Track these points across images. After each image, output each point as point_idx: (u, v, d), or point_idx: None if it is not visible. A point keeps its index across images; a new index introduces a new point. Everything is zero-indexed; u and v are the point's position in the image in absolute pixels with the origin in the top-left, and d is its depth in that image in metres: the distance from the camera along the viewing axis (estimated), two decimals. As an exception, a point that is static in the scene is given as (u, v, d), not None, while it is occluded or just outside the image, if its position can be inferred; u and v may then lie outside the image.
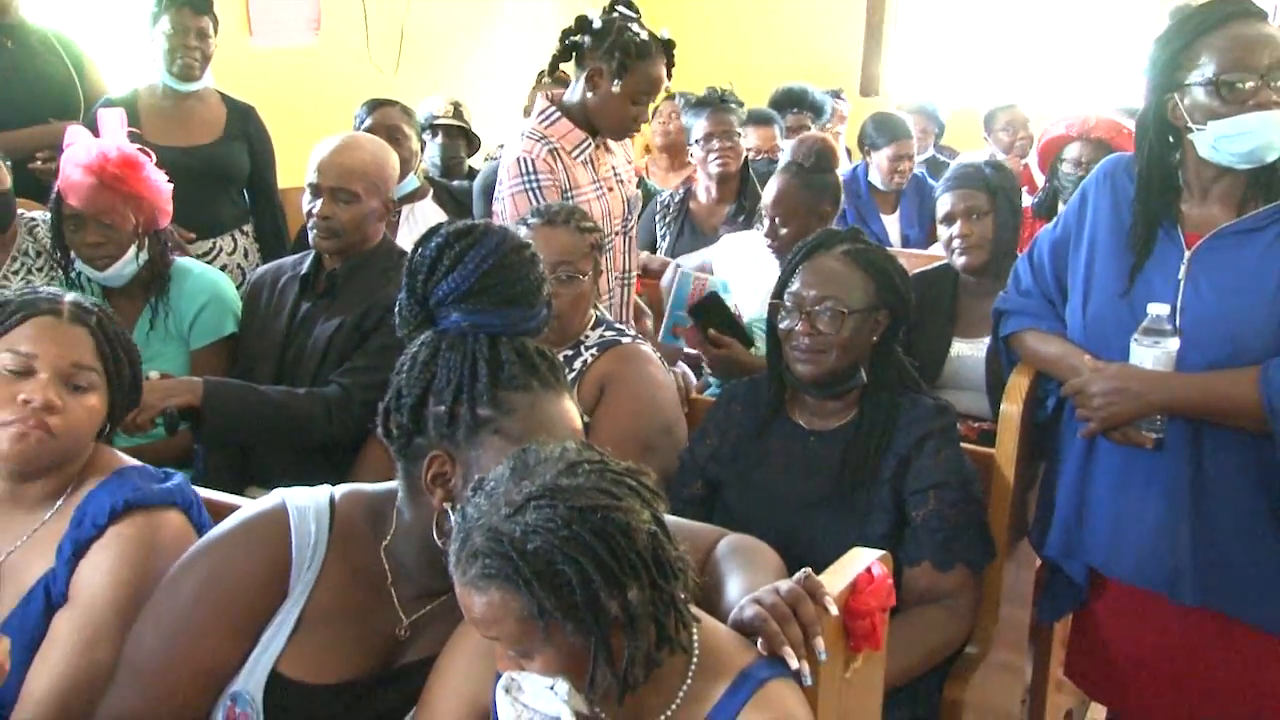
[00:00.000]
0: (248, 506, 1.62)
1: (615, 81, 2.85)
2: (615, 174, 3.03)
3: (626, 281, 3.08)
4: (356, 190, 2.69)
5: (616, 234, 2.98)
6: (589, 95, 2.91)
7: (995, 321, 2.39)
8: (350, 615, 1.55)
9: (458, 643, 1.46)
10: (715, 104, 4.09)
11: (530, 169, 2.85)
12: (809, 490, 2.18)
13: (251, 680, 1.50)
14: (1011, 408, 2.31)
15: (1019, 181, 3.27)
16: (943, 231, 2.97)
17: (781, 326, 2.20)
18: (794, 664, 1.35)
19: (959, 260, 2.90)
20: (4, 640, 1.39)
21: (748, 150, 4.25)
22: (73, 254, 2.75)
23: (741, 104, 4.21)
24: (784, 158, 3.34)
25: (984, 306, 2.60)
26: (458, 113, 4.45)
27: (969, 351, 2.87)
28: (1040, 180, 4.04)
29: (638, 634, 1.25)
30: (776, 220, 3.06)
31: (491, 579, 1.22)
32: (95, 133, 2.75)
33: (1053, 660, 2.65)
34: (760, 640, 1.38)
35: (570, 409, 1.54)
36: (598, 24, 2.90)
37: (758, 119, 4.50)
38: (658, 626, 1.27)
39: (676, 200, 4.16)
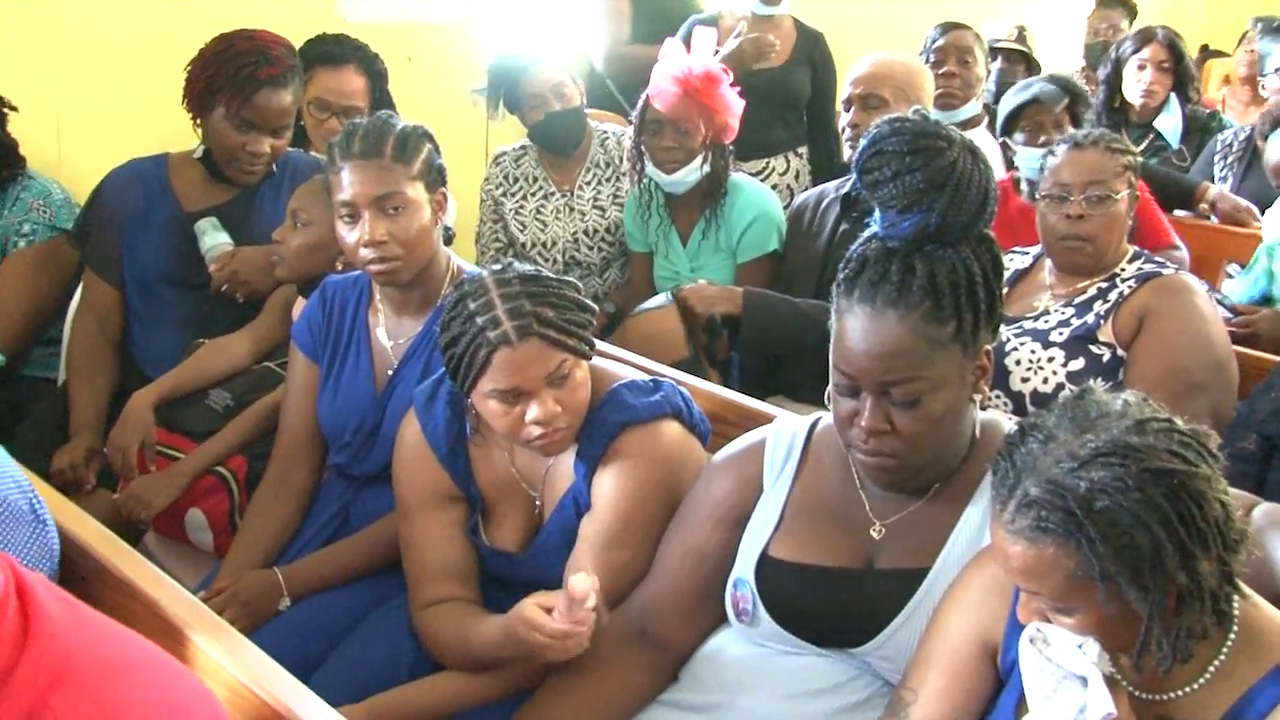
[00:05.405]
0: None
1: None
2: None
3: None
4: (884, 95, 2.78)
5: None
6: None
7: None
8: (827, 510, 1.64)
9: (972, 575, 1.45)
10: (1297, 28, 3.64)
11: None
12: None
13: (746, 565, 1.65)
14: None
15: None
16: None
17: None
18: None
19: None
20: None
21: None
22: (645, 158, 3.00)
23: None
24: None
25: None
26: (1021, 37, 4.29)
27: None
28: None
29: (1199, 606, 1.19)
30: None
31: (1047, 533, 1.19)
32: (688, 48, 2.98)
33: None
34: None
35: (882, 333, 1.48)
36: None
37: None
38: (1213, 599, 1.20)
39: (1242, 138, 3.75)
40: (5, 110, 2.76)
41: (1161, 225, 3.18)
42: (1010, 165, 3.22)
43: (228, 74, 2.50)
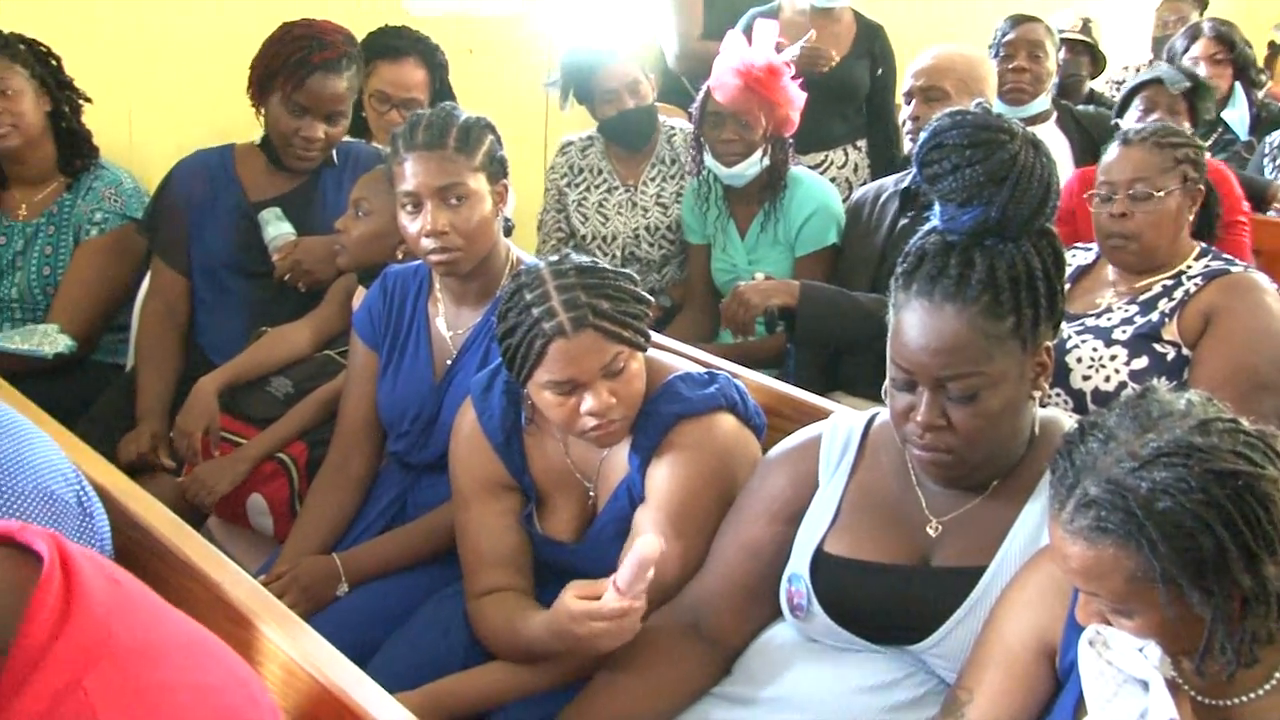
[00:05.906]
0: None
1: None
2: None
3: None
4: (946, 88, 2.77)
5: None
6: None
7: None
8: (884, 507, 1.64)
9: (1030, 574, 1.44)
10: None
11: None
12: None
13: (801, 561, 1.65)
14: None
15: None
16: None
17: None
18: None
19: None
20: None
21: None
22: (705, 150, 2.99)
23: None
24: None
25: None
26: (1086, 28, 4.21)
27: None
28: None
29: (1264, 610, 1.16)
30: None
31: (1107, 534, 1.17)
32: (749, 40, 2.97)
33: None
34: None
35: (940, 327, 1.47)
36: None
37: None
38: (1279, 603, 1.17)
39: None
40: (80, 101, 2.81)
41: (1245, 250, 2.97)
42: (1095, 156, 3.17)
43: (282, 59, 2.53)
